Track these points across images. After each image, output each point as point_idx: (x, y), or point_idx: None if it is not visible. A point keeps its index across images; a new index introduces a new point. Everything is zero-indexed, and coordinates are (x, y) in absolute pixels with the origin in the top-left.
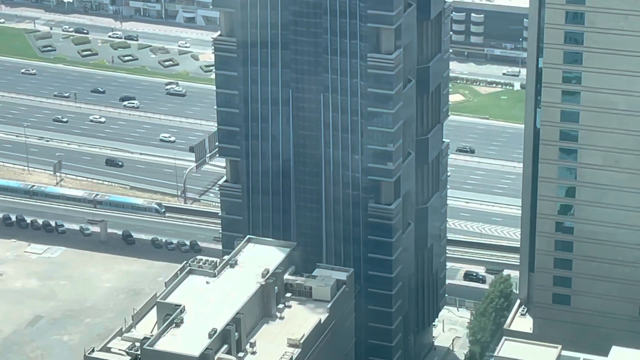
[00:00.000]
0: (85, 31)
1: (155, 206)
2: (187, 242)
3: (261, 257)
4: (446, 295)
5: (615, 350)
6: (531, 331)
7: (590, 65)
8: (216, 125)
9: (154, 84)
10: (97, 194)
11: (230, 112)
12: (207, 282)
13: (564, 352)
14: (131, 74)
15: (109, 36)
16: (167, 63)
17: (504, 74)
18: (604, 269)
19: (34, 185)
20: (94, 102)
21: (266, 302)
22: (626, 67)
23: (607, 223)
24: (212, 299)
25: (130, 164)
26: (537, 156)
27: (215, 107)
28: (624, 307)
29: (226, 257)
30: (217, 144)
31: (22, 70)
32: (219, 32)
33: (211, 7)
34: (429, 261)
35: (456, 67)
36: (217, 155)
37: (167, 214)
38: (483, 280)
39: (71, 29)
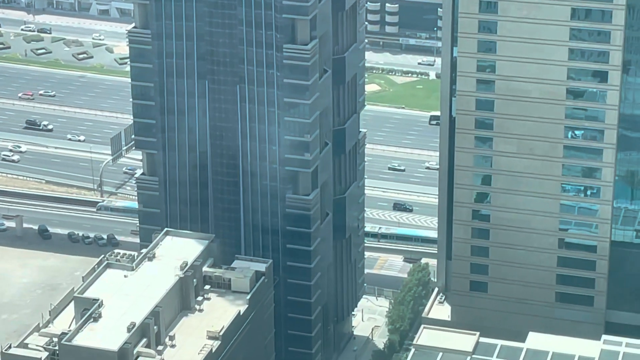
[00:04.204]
0: None
1: None
2: (104, 236)
3: (179, 250)
4: (365, 284)
5: (532, 336)
6: (449, 319)
7: (504, 54)
8: (132, 117)
9: (68, 77)
10: None
11: (146, 105)
12: (125, 276)
13: (482, 339)
14: (45, 67)
15: (22, 29)
16: (81, 56)
17: (419, 63)
18: (520, 256)
19: None
20: (6, 95)
21: (185, 295)
22: (539, 55)
23: (523, 210)
24: (130, 293)
25: (46, 157)
26: (453, 145)
27: (131, 99)
28: (540, 294)
29: (144, 251)
30: (133, 136)
31: None
32: (133, 24)
33: None
34: (347, 251)
35: (372, 57)
36: (134, 148)
37: (82, 208)
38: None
39: None
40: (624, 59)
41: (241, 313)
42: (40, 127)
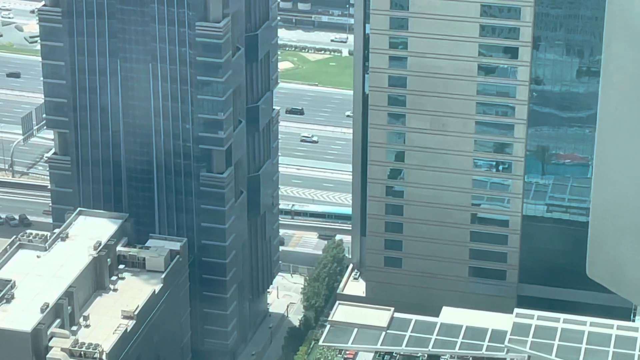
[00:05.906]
0: None
1: None
2: (16, 216)
3: (93, 230)
4: (280, 262)
5: (446, 310)
6: (364, 294)
7: (415, 30)
8: (43, 97)
9: None
10: None
11: (57, 84)
12: (38, 257)
13: (397, 314)
14: None
15: None
16: None
17: (332, 40)
18: (434, 231)
19: None
20: None
21: (99, 275)
22: (450, 32)
23: (435, 186)
24: (43, 273)
25: None
26: (366, 121)
27: (42, 78)
28: (453, 268)
29: (57, 231)
30: (44, 116)
31: None
32: (43, 2)
33: None
34: (262, 229)
35: (285, 35)
36: (45, 127)
37: None
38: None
39: None
40: (534, 35)
41: (156, 292)
42: None
